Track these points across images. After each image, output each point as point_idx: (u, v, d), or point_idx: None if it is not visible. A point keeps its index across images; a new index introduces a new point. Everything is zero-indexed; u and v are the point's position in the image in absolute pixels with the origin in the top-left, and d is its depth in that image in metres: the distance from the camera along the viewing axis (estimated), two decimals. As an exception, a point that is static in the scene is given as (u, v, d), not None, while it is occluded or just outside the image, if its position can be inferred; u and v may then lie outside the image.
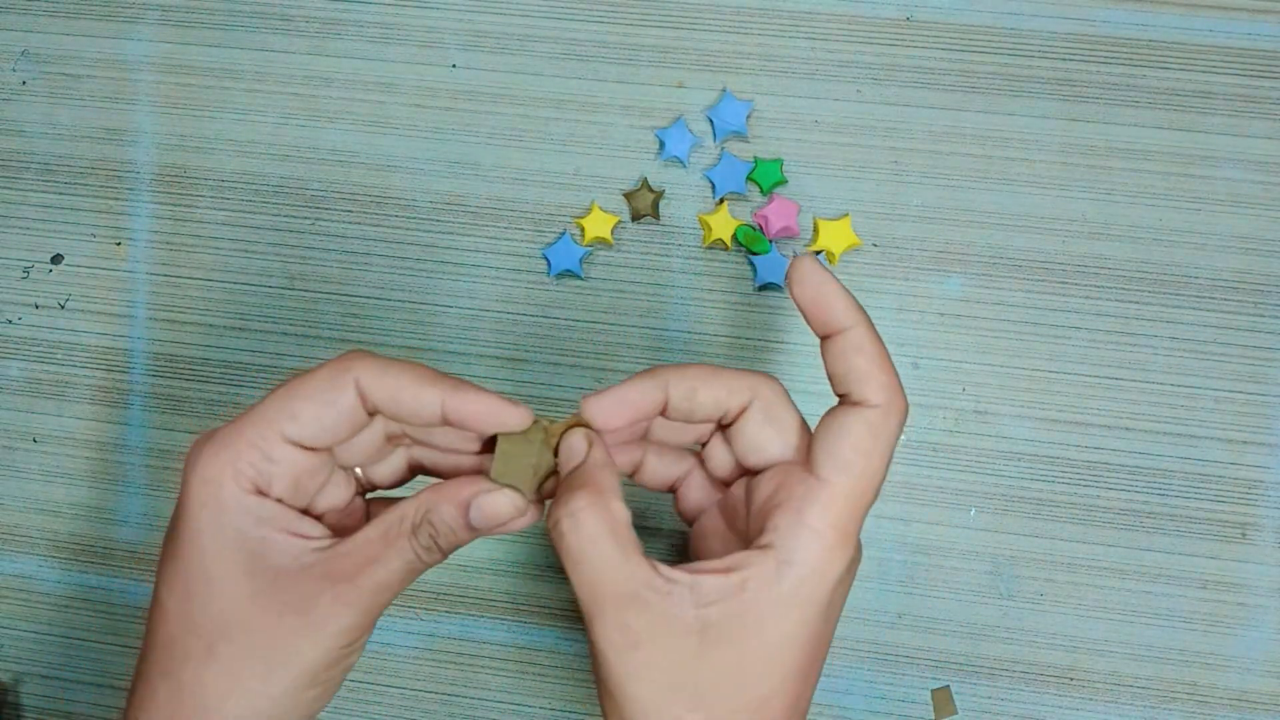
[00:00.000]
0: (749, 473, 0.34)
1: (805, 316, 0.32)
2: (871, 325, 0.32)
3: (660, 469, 0.36)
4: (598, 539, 0.29)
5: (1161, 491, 0.44)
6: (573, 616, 0.46)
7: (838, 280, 0.32)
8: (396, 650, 0.46)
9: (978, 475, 0.45)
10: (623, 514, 0.30)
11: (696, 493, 0.36)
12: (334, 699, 0.47)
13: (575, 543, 0.29)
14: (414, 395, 0.30)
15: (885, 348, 0.32)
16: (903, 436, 0.45)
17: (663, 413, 0.32)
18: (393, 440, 0.34)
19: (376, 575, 0.30)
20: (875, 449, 0.31)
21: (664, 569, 0.30)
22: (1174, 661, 0.44)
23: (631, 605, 0.29)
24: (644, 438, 0.35)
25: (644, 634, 0.29)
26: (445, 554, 0.32)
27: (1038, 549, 0.45)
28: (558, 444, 0.32)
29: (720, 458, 0.34)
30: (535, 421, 0.32)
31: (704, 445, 0.35)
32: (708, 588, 0.29)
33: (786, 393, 0.33)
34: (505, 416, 0.31)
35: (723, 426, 0.34)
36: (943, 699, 0.45)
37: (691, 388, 0.32)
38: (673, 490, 0.36)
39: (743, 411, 0.33)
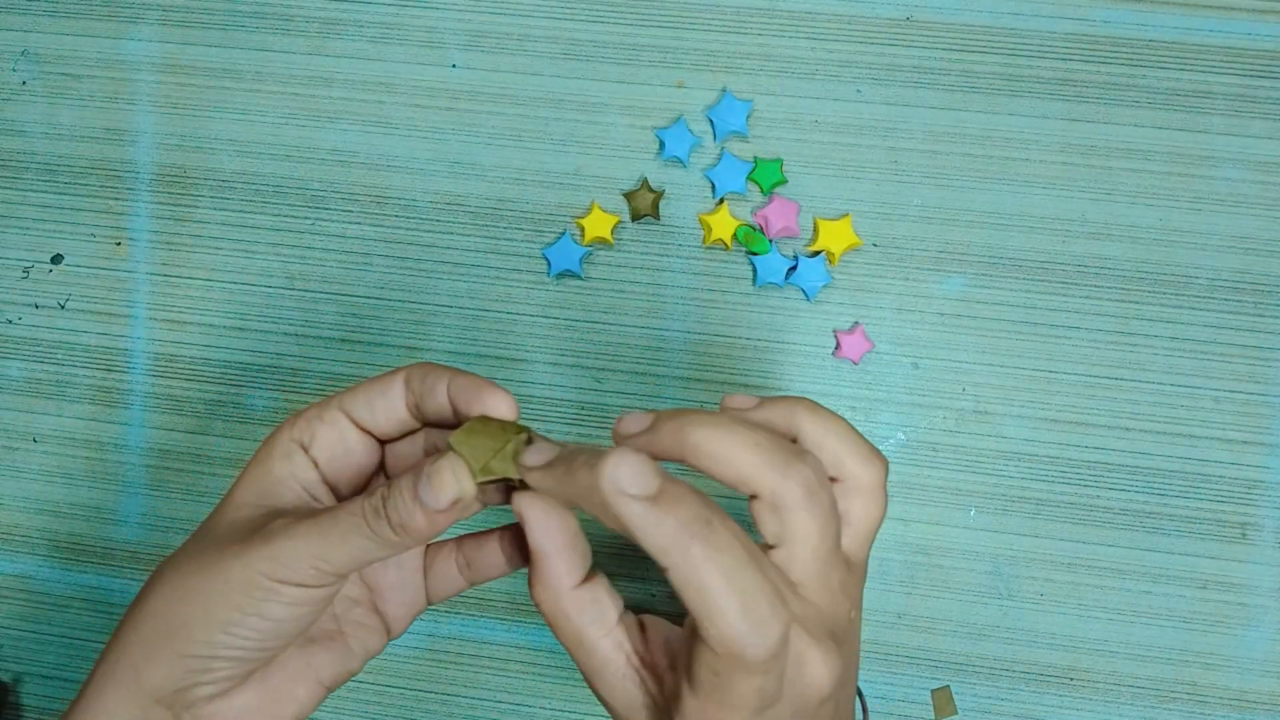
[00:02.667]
0: None
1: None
2: (713, 550, 0.26)
3: None
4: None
5: (1161, 491, 0.44)
6: (573, 616, 0.46)
7: (641, 507, 0.26)
8: (396, 650, 0.46)
9: (978, 475, 0.45)
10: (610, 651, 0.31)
11: None
12: (332, 699, 0.47)
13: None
14: (435, 377, 0.32)
15: (741, 572, 0.26)
16: (903, 436, 0.45)
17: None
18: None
19: (322, 522, 0.30)
20: (724, 694, 0.27)
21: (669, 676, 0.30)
22: (1174, 661, 0.44)
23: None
24: None
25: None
26: (394, 530, 0.30)
27: (1038, 549, 0.45)
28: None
29: None
30: (521, 428, 0.31)
31: None
32: None
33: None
34: (487, 393, 0.31)
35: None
36: (943, 699, 0.45)
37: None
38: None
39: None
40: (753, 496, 0.28)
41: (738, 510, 0.38)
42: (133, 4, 0.48)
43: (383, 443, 0.34)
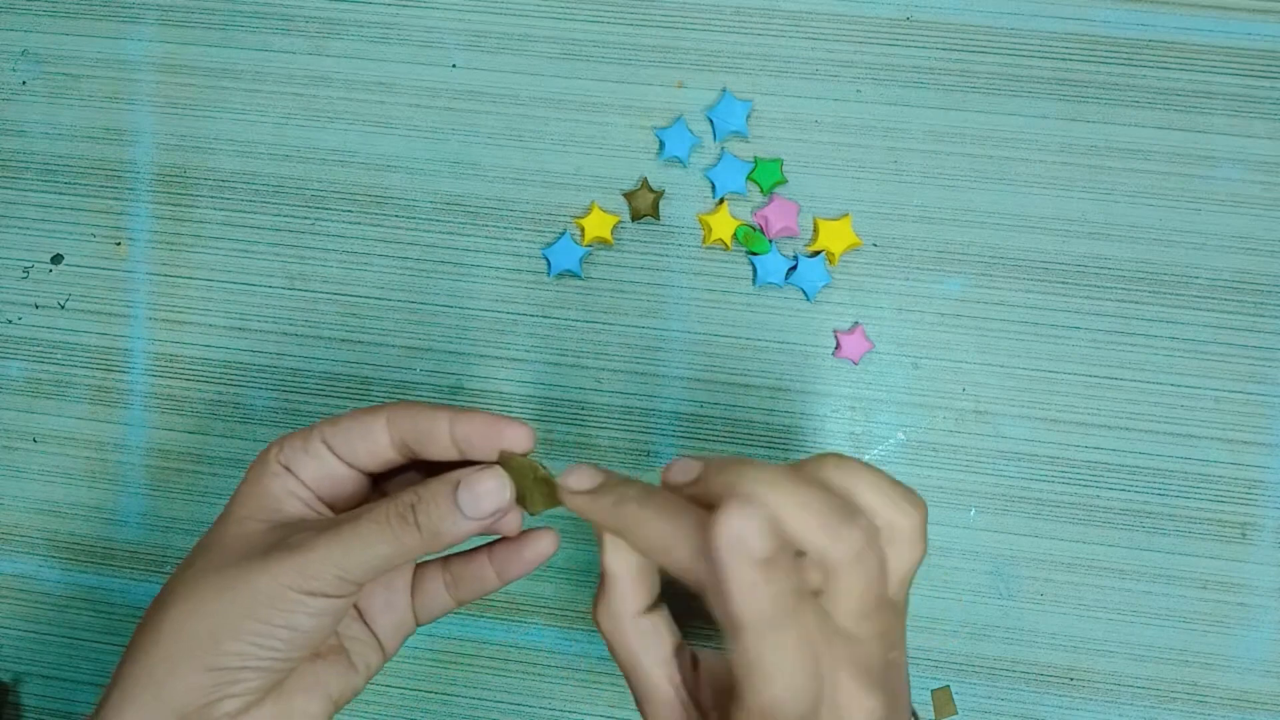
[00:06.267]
0: None
1: None
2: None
3: None
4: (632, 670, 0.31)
5: (1161, 491, 0.44)
6: (573, 616, 0.46)
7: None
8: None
9: (978, 475, 0.45)
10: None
11: None
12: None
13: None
14: (428, 418, 0.32)
15: (801, 657, 0.26)
16: (903, 436, 0.45)
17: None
18: None
19: (343, 532, 0.30)
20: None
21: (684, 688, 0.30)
22: (1174, 661, 0.44)
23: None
24: None
25: None
26: (423, 534, 0.30)
27: (1038, 549, 0.45)
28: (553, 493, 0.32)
29: None
30: (535, 467, 0.32)
31: None
32: None
33: None
34: (506, 430, 0.32)
35: None
36: (943, 699, 0.45)
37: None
38: None
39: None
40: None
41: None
42: (133, 4, 0.48)
43: (374, 477, 0.34)
